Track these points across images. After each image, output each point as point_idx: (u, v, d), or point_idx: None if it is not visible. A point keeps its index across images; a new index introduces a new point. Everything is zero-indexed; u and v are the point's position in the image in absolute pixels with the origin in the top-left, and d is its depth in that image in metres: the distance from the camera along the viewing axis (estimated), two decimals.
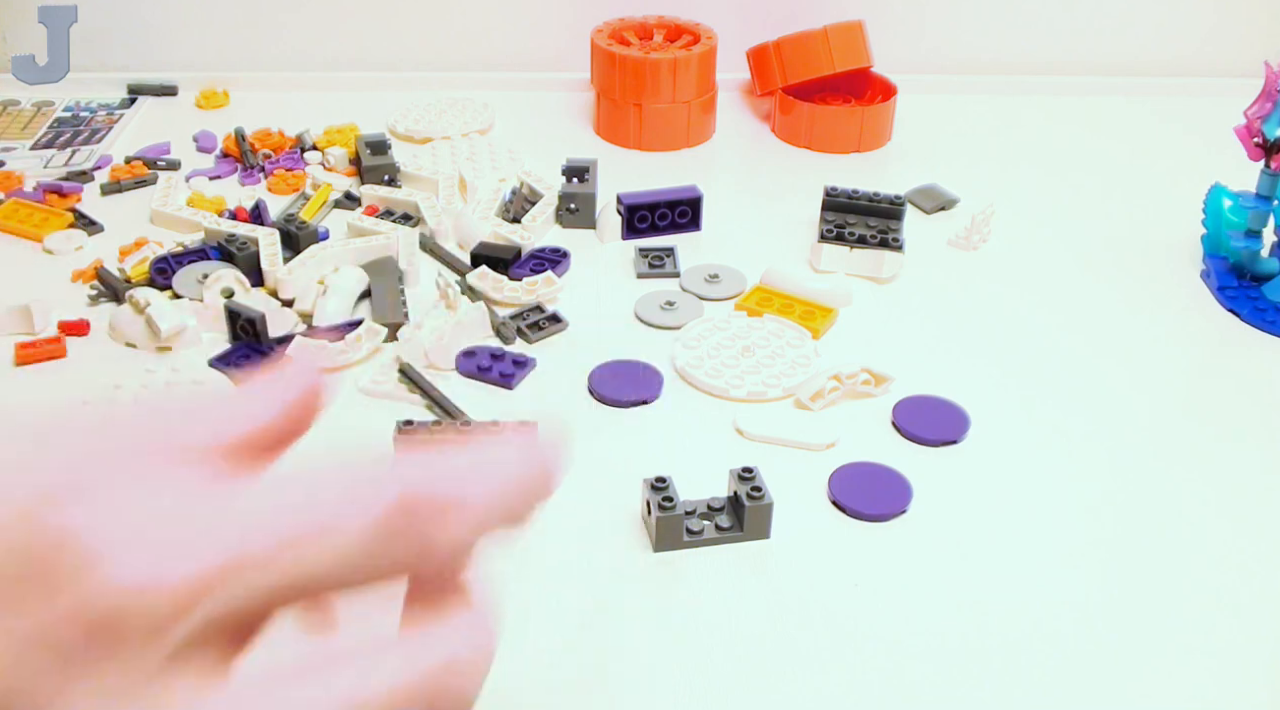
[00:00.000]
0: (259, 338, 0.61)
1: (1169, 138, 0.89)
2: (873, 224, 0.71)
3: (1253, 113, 0.66)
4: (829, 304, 0.66)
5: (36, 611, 0.21)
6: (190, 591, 0.22)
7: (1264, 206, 0.67)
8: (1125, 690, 0.44)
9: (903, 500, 0.53)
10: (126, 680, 0.22)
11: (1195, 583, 0.49)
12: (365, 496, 0.25)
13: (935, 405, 0.59)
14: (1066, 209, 0.78)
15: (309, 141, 0.83)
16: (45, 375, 0.60)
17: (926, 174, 0.80)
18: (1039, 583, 0.49)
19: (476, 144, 0.83)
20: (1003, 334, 0.65)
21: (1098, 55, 0.98)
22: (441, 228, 0.71)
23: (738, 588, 0.48)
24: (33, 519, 0.21)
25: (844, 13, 0.88)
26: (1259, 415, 0.59)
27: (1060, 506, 0.53)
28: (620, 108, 0.84)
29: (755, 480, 0.51)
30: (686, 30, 0.87)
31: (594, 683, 0.44)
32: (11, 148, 0.82)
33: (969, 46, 0.98)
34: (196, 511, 0.23)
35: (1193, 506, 0.53)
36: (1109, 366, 0.63)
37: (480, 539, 0.26)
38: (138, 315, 0.61)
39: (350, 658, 0.25)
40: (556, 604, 0.47)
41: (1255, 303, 0.67)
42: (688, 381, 0.60)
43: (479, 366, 0.60)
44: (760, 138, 0.88)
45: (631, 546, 0.50)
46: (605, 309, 0.66)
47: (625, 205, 0.72)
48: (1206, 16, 0.98)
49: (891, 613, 0.47)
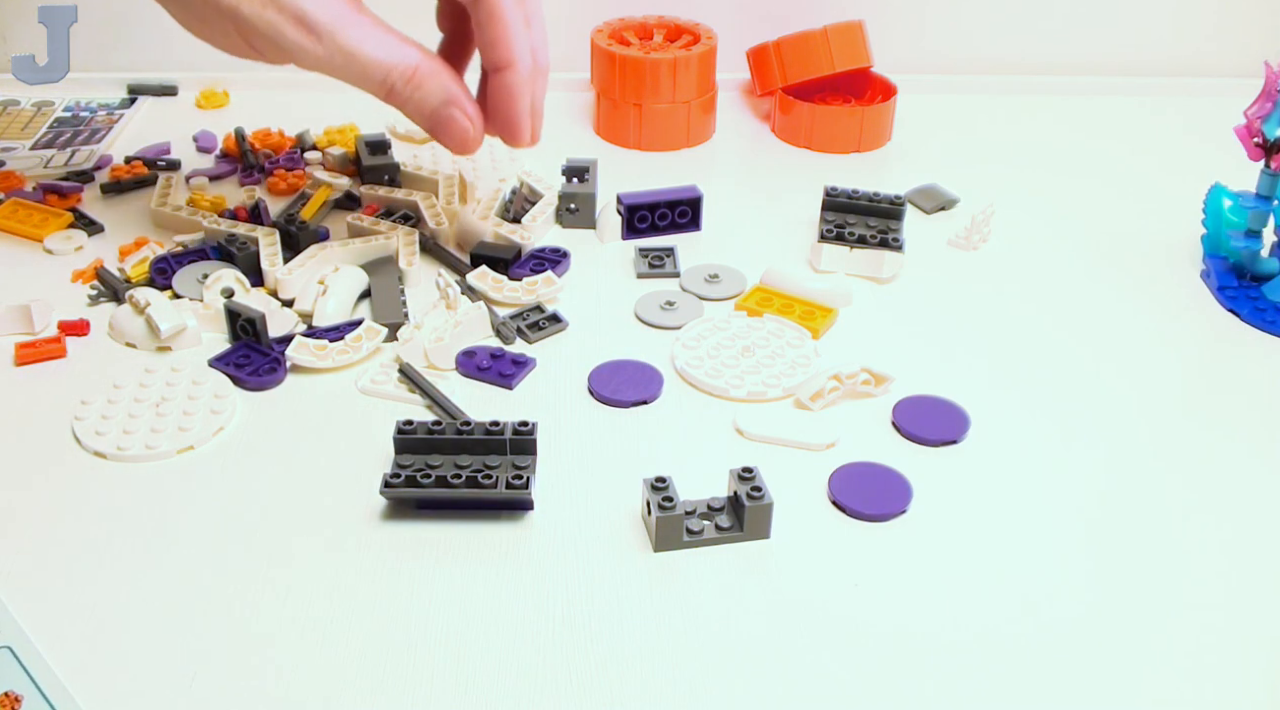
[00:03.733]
0: (259, 338, 0.61)
1: (1169, 138, 0.89)
2: (873, 224, 0.72)
3: (1253, 113, 0.66)
4: (829, 304, 0.66)
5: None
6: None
7: (1264, 206, 0.67)
8: (1125, 690, 0.44)
9: (903, 500, 0.53)
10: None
11: (1195, 582, 0.49)
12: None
13: (935, 405, 0.59)
14: (1066, 209, 0.78)
15: (309, 141, 0.83)
16: (45, 375, 0.60)
17: (926, 174, 0.80)
18: (1039, 582, 0.49)
19: None
20: (1003, 334, 0.65)
21: (1098, 55, 0.98)
22: (442, 228, 0.71)
23: (738, 588, 0.48)
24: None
25: (844, 13, 0.88)
26: (1259, 415, 0.59)
27: (1060, 506, 0.53)
28: (620, 108, 0.84)
29: (755, 480, 0.51)
30: (686, 30, 0.87)
31: (593, 682, 0.44)
32: (11, 148, 0.82)
33: (969, 46, 0.98)
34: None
35: (1193, 506, 0.53)
36: (1109, 366, 0.63)
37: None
38: (138, 315, 0.61)
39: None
40: (556, 604, 0.47)
41: (1255, 303, 0.67)
42: (688, 381, 0.60)
43: (479, 366, 0.60)
44: (760, 138, 0.88)
45: (631, 546, 0.50)
46: (605, 309, 0.66)
47: (625, 205, 0.72)
48: (1206, 17, 0.98)
49: (891, 613, 0.47)
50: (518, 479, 0.51)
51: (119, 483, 0.53)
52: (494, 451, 0.53)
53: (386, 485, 0.51)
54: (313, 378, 0.60)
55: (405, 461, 0.52)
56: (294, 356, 0.59)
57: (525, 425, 0.53)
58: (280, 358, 0.60)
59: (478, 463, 0.52)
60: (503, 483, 0.51)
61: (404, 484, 0.51)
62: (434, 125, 0.59)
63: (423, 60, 0.58)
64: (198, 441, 0.55)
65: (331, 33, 0.56)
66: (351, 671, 0.44)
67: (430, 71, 0.58)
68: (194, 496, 0.52)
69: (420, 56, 0.58)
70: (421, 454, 0.53)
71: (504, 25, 0.57)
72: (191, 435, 0.55)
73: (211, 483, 0.53)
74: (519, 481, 0.51)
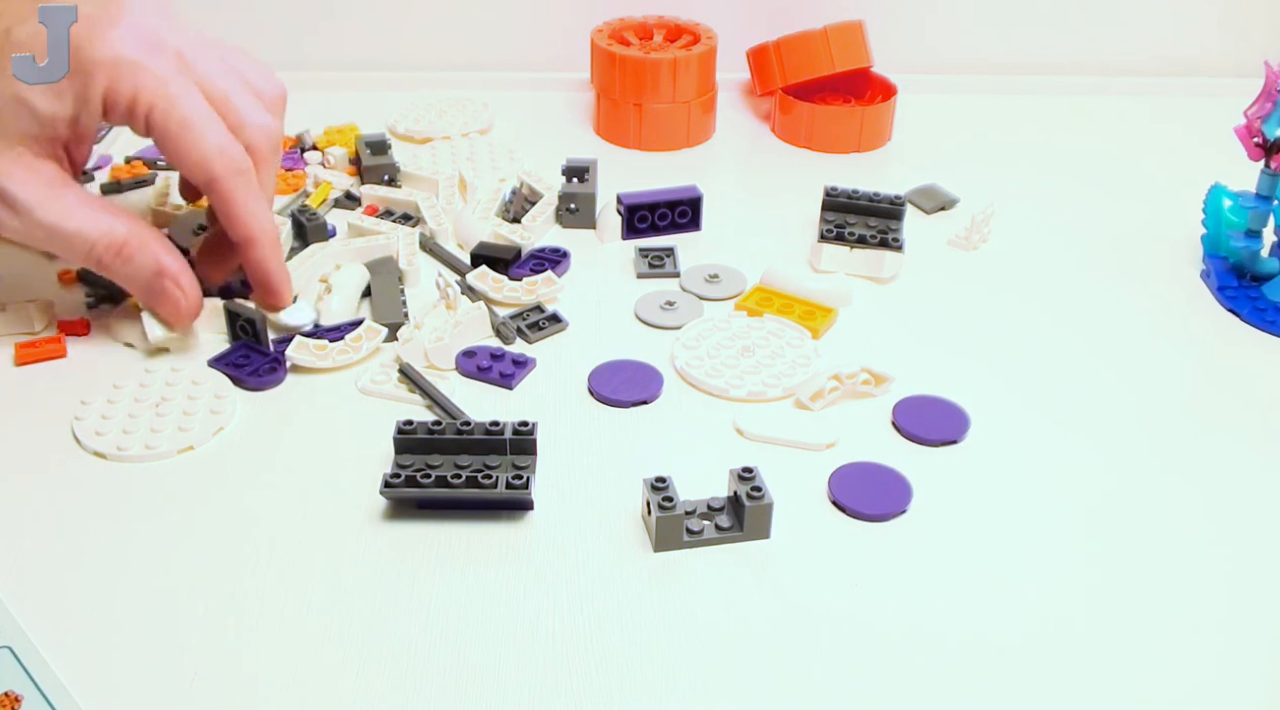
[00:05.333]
0: (259, 338, 0.61)
1: (1169, 138, 0.89)
2: (873, 224, 0.72)
3: (1253, 113, 0.66)
4: (829, 304, 0.66)
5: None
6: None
7: (1264, 206, 0.67)
8: (1126, 690, 0.44)
9: (903, 500, 0.53)
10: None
11: (1196, 582, 0.49)
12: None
13: (935, 405, 0.59)
14: (1066, 209, 0.78)
15: (309, 141, 0.83)
16: (45, 375, 0.60)
17: (926, 174, 0.80)
18: (1039, 582, 0.49)
19: (476, 144, 0.83)
20: (1003, 334, 0.65)
21: (1098, 55, 0.98)
22: (442, 228, 0.71)
23: (738, 588, 0.48)
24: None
25: (844, 13, 0.88)
26: (1259, 415, 0.59)
27: (1060, 506, 0.53)
28: (620, 108, 0.84)
29: (755, 480, 0.51)
30: (686, 30, 0.87)
31: (593, 682, 0.44)
32: None
33: (969, 46, 0.98)
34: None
35: (1192, 506, 0.53)
36: (1109, 366, 0.63)
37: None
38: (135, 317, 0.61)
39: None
40: (556, 604, 0.47)
41: (1255, 303, 0.67)
42: (688, 381, 0.60)
43: (479, 366, 0.60)
44: (760, 138, 0.88)
45: (631, 546, 0.50)
46: (605, 309, 0.66)
47: (625, 205, 0.72)
48: (1206, 17, 0.98)
49: (891, 613, 0.47)
50: (518, 479, 0.51)
51: (119, 483, 0.53)
52: (494, 451, 0.53)
53: (386, 485, 0.51)
54: (313, 378, 0.60)
55: (405, 461, 0.52)
56: (294, 356, 0.59)
57: (525, 425, 0.53)
58: (280, 357, 0.60)
59: (478, 463, 0.52)
60: (503, 483, 0.51)
61: (404, 484, 0.51)
62: (147, 297, 0.60)
63: (131, 233, 0.58)
64: (198, 441, 0.55)
65: (30, 209, 0.56)
66: (351, 671, 0.44)
67: (139, 245, 0.58)
68: (194, 497, 0.52)
69: (129, 229, 0.58)
70: (421, 454, 0.53)
71: (240, 207, 0.58)
72: (191, 435, 0.55)
73: (211, 483, 0.53)
74: (519, 481, 0.51)
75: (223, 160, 0.57)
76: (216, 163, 0.57)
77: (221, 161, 0.57)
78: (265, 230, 0.60)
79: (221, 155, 0.57)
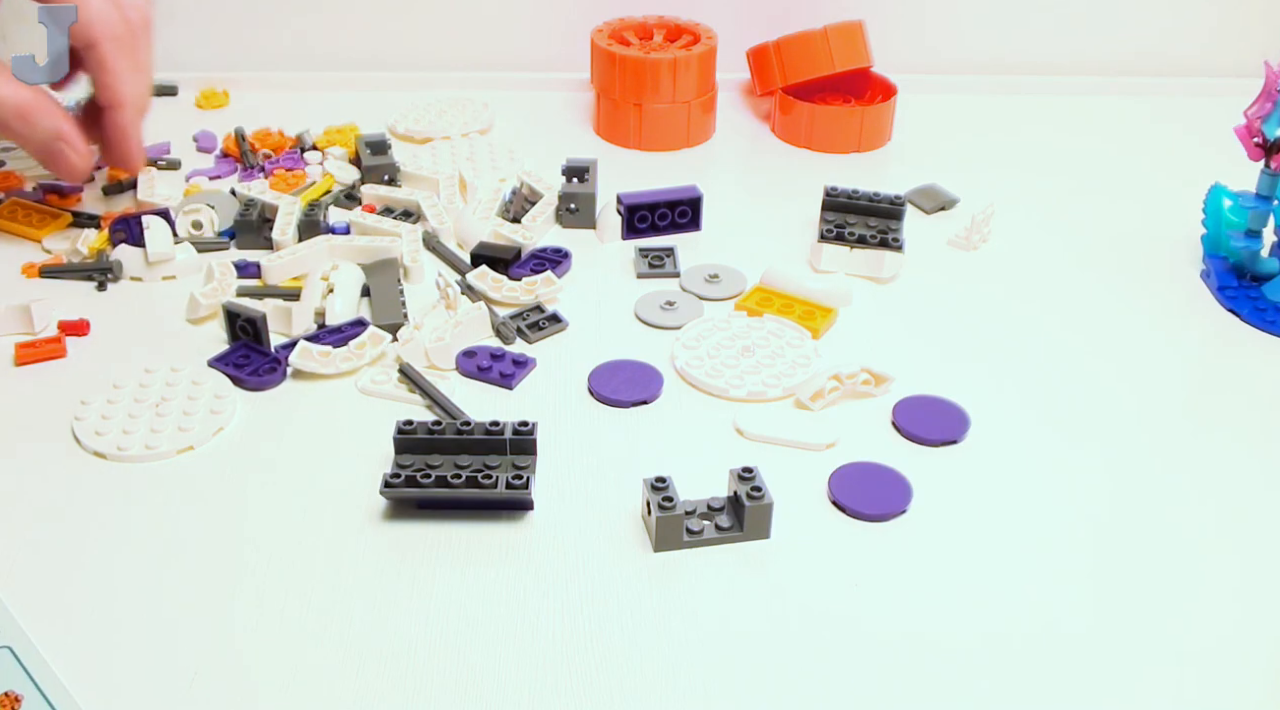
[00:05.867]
0: (259, 338, 0.61)
1: (1169, 138, 0.89)
2: (873, 224, 0.72)
3: (1253, 113, 0.66)
4: (829, 304, 0.66)
5: None
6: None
7: (1264, 206, 0.67)
8: (1126, 690, 0.44)
9: (903, 500, 0.53)
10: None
11: (1196, 582, 0.49)
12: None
13: (935, 405, 0.59)
14: (1066, 209, 0.78)
15: (309, 141, 0.83)
16: (45, 375, 0.60)
17: (926, 174, 0.80)
18: (1039, 582, 0.49)
19: (476, 144, 0.83)
20: (1003, 334, 0.65)
21: (1098, 55, 0.98)
22: (443, 227, 0.71)
23: (738, 588, 0.48)
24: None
25: (844, 13, 0.88)
26: (1259, 415, 0.59)
27: (1060, 506, 0.53)
28: (620, 108, 0.84)
29: (755, 480, 0.51)
30: (686, 30, 0.87)
31: (593, 682, 0.44)
32: (11, 148, 0.82)
33: (969, 46, 0.98)
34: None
35: (1192, 506, 0.53)
36: (1109, 366, 0.63)
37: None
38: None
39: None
40: (556, 604, 0.47)
41: (1255, 303, 0.67)
42: (688, 381, 0.60)
43: (479, 366, 0.60)
44: (760, 138, 0.88)
45: (631, 546, 0.50)
46: (605, 309, 0.66)
47: (625, 205, 0.72)
48: (1206, 17, 0.98)
49: (891, 613, 0.47)
50: (518, 479, 0.51)
51: (119, 483, 0.53)
52: (494, 451, 0.53)
53: (386, 485, 0.51)
54: (313, 378, 0.60)
55: (405, 461, 0.52)
56: (298, 364, 0.59)
57: (525, 425, 0.53)
58: (280, 357, 0.60)
59: (478, 463, 0.52)
60: (503, 483, 0.51)
61: (404, 484, 0.51)
62: (45, 157, 0.66)
63: (35, 99, 0.65)
64: (197, 442, 0.55)
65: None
66: (351, 671, 0.44)
67: (44, 110, 0.65)
68: (194, 497, 0.52)
69: (34, 95, 0.65)
70: (421, 454, 0.53)
71: (112, 72, 0.65)
72: (191, 435, 0.55)
73: (211, 483, 0.53)
74: (519, 481, 0.51)
75: (101, 25, 0.64)
76: (96, 26, 0.64)
77: (100, 26, 0.64)
78: (133, 97, 0.66)
79: (102, 21, 0.64)
